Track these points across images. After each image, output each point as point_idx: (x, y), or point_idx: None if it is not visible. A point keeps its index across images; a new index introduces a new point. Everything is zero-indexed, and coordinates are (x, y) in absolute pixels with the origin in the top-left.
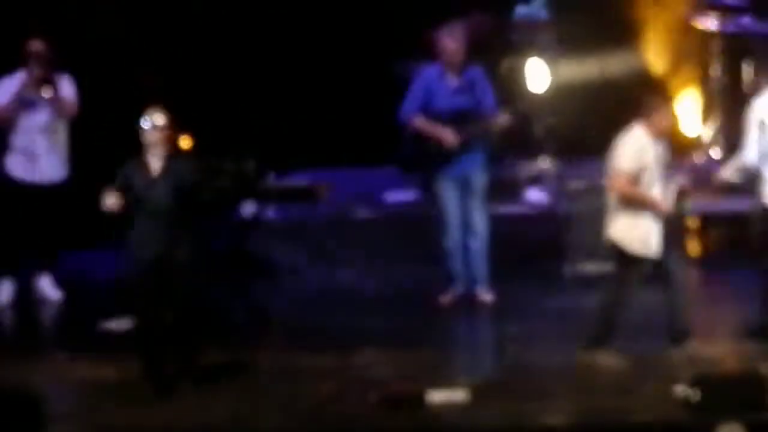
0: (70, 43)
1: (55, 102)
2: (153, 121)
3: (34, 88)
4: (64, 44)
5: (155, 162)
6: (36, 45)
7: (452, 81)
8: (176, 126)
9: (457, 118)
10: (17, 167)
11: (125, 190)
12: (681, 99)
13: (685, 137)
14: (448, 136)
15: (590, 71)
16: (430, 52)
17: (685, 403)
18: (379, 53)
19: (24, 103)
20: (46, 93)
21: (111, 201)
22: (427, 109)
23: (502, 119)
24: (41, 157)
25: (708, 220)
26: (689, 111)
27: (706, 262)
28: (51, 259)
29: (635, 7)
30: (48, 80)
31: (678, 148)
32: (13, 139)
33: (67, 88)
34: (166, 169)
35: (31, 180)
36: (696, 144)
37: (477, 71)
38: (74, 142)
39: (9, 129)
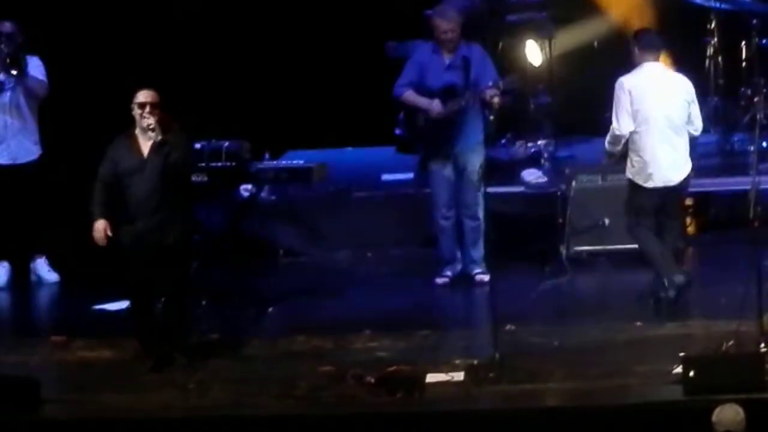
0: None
1: (24, 82)
2: (143, 99)
3: (3, 70)
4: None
5: (145, 142)
6: (6, 26)
7: (445, 58)
8: (166, 105)
9: (449, 95)
10: None
11: (113, 170)
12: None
13: None
14: (434, 106)
15: (585, 50)
16: (424, 31)
17: (682, 383)
18: (374, 32)
19: None
20: (14, 72)
21: (100, 235)
22: (420, 87)
23: (491, 90)
24: (11, 138)
25: (707, 198)
26: None
27: (704, 240)
28: (41, 241)
29: None
30: (15, 60)
31: None
32: None
33: (36, 68)
34: (156, 150)
35: (2, 162)
36: None
37: (475, 48)
38: (62, 121)
39: None
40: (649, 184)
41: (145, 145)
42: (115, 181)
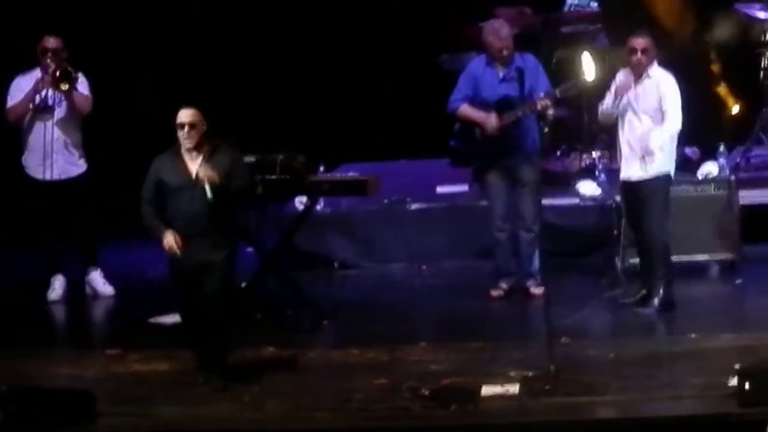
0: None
1: (72, 97)
2: (181, 120)
3: (51, 84)
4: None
5: (192, 161)
6: (51, 41)
7: (499, 71)
8: (221, 120)
9: (504, 107)
10: (34, 166)
11: (158, 190)
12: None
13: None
14: (490, 120)
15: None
16: (478, 44)
17: (737, 395)
18: (428, 45)
19: (39, 100)
20: (63, 86)
21: (174, 244)
22: (475, 100)
23: (543, 100)
24: (57, 153)
25: (756, 210)
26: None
27: (759, 251)
28: (93, 254)
29: None
30: (65, 75)
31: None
32: (29, 137)
33: (81, 84)
34: (206, 169)
35: (50, 178)
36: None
37: (528, 59)
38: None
39: (24, 127)
40: None
41: (193, 164)
42: (160, 200)
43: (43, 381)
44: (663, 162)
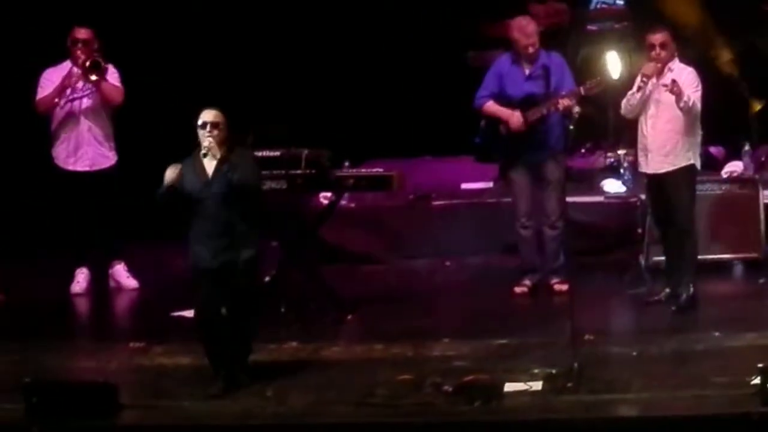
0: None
1: (102, 87)
2: (203, 119)
3: (81, 75)
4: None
5: (209, 163)
6: (82, 32)
7: (525, 68)
8: (234, 124)
9: (529, 105)
10: (65, 156)
11: (180, 189)
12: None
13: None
14: (515, 118)
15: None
16: (505, 41)
17: (760, 394)
18: (455, 42)
19: (70, 92)
20: (93, 77)
21: (171, 174)
22: (500, 97)
23: (567, 98)
24: (88, 145)
25: None
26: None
27: None
28: (118, 247)
29: None
30: (94, 66)
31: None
32: (59, 129)
33: (112, 75)
34: (218, 171)
35: (80, 169)
36: None
37: (554, 57)
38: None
39: (55, 119)
40: None
41: (210, 166)
42: (181, 201)
43: (66, 373)
44: (687, 153)
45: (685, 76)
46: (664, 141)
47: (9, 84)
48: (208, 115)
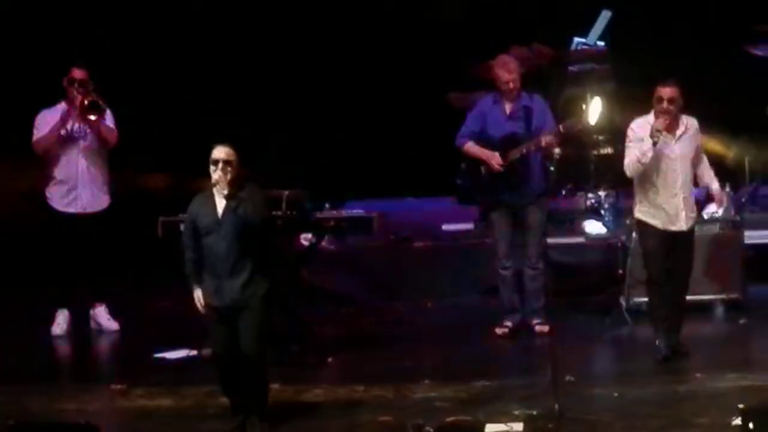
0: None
1: (99, 128)
2: (215, 156)
3: (78, 114)
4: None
5: (220, 200)
6: (78, 72)
7: (506, 108)
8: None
9: (510, 145)
10: (58, 198)
11: (195, 231)
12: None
13: None
14: (495, 159)
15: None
16: (487, 83)
17: None
18: (436, 83)
19: (66, 132)
20: (92, 116)
21: (200, 305)
22: (482, 137)
23: (547, 136)
24: (82, 187)
25: (761, 250)
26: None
27: (758, 292)
28: (103, 289)
29: None
30: (93, 105)
31: None
32: (55, 170)
33: (107, 117)
34: (229, 207)
35: (74, 210)
36: None
37: (536, 98)
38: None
39: (51, 160)
40: None
41: (221, 203)
42: (198, 243)
43: (48, 416)
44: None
45: (696, 125)
46: (688, 197)
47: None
48: (220, 153)
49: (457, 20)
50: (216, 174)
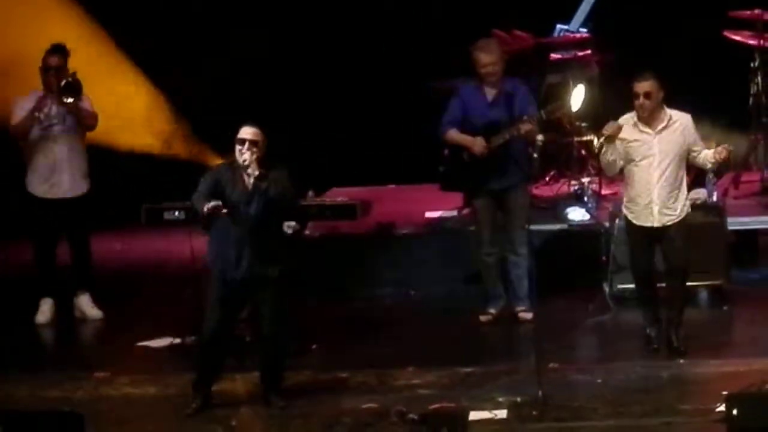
0: None
1: (78, 111)
2: (243, 136)
3: (57, 98)
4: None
5: (248, 178)
6: (53, 59)
7: (488, 94)
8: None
9: (492, 131)
10: (37, 184)
11: (215, 190)
12: None
13: None
14: (477, 144)
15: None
16: (468, 69)
17: (725, 421)
18: (418, 70)
19: (44, 118)
20: (68, 99)
21: (212, 206)
22: (464, 124)
23: (528, 122)
24: (61, 173)
25: (753, 235)
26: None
27: (749, 277)
28: (87, 277)
29: None
30: (69, 87)
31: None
32: (33, 156)
33: (85, 102)
34: (262, 184)
35: (54, 196)
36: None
37: (518, 85)
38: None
39: (29, 146)
40: None
41: (249, 181)
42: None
43: (32, 404)
44: (686, 201)
45: (688, 121)
46: (670, 193)
47: None
48: (247, 133)
49: (439, 6)
50: (244, 154)
